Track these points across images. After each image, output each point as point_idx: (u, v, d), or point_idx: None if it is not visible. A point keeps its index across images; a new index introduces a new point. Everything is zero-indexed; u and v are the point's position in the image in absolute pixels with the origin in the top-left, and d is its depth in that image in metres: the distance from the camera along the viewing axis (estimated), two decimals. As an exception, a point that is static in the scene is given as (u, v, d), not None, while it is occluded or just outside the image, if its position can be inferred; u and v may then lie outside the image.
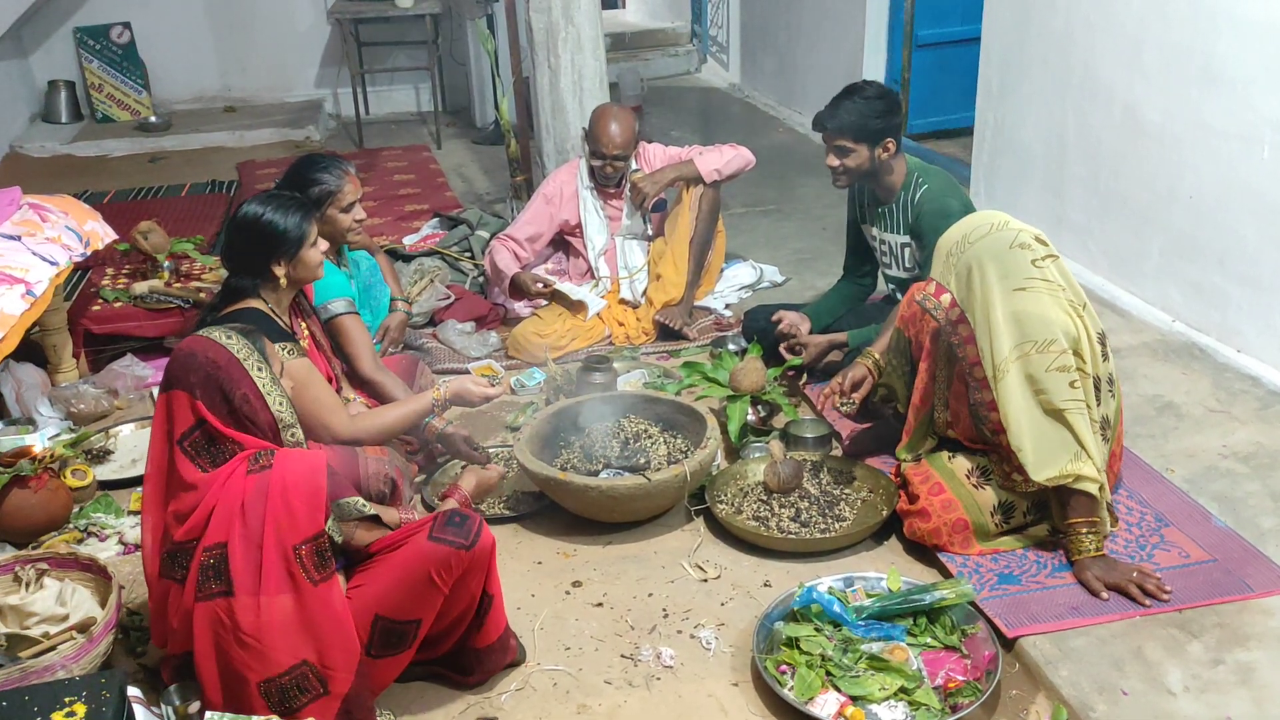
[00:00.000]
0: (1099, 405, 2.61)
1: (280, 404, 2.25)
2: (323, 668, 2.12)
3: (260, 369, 2.23)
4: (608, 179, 4.15)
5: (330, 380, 2.90)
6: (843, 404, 3.00)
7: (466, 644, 2.38)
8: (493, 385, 2.93)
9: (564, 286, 4.11)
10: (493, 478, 2.79)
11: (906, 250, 3.43)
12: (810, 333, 3.57)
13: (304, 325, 2.97)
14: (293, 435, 2.28)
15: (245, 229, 2.77)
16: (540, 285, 4.06)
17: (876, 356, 3.00)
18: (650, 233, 4.27)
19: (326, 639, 2.12)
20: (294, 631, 2.10)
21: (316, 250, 2.81)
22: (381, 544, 2.27)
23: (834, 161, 3.35)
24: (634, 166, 4.17)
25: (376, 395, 3.13)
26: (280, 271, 2.77)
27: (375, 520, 2.30)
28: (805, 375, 3.61)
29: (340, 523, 2.22)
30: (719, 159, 4.14)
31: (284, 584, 2.10)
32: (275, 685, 2.10)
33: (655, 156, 4.24)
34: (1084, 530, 2.57)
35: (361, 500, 2.27)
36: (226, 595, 2.09)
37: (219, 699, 2.13)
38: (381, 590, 2.22)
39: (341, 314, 3.17)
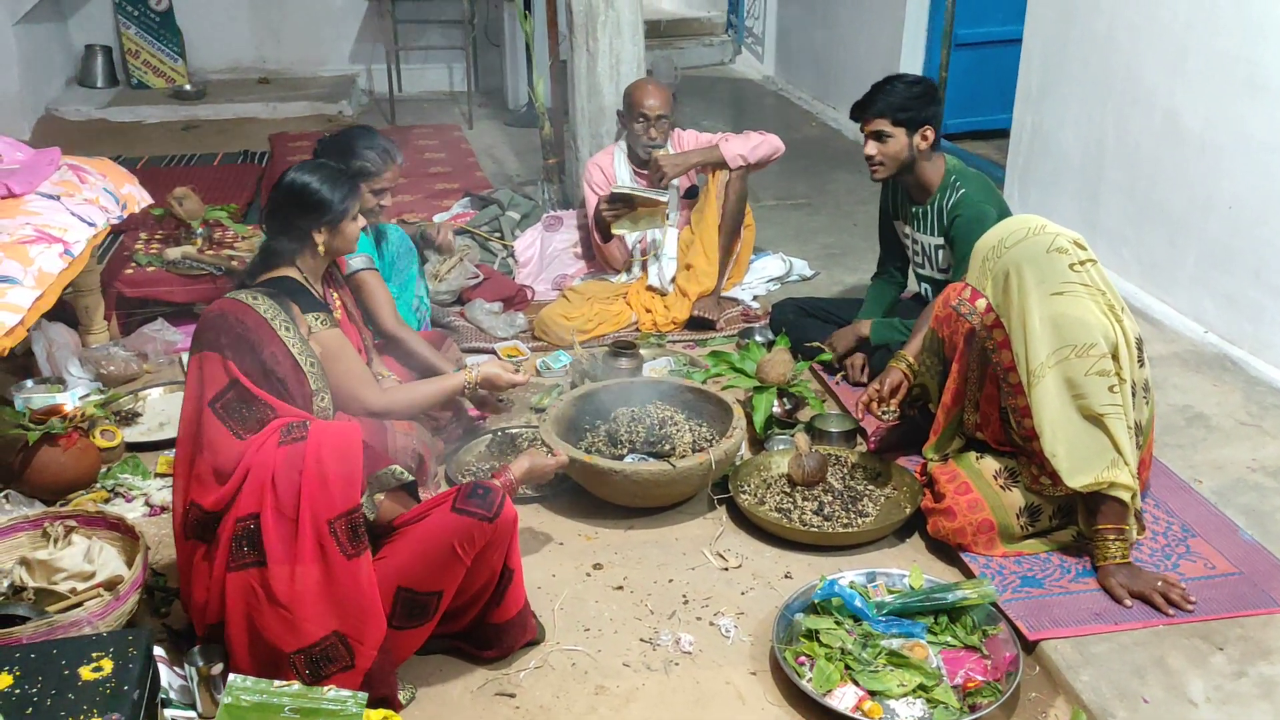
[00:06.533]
0: (1133, 411, 2.59)
1: (311, 365, 2.29)
2: (351, 640, 2.13)
3: (288, 329, 2.30)
4: (652, 144, 4.08)
5: (360, 352, 2.91)
6: (884, 412, 2.99)
7: (486, 619, 2.39)
8: (518, 372, 2.95)
9: (641, 191, 4.05)
10: (549, 465, 2.72)
11: (940, 252, 3.41)
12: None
13: (336, 296, 2.98)
14: (322, 400, 2.30)
15: (294, 194, 2.76)
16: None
17: (910, 359, 2.99)
18: (669, 213, 4.25)
19: (354, 613, 2.13)
20: (324, 602, 2.11)
21: (356, 225, 2.81)
22: (404, 517, 2.28)
23: (871, 149, 3.31)
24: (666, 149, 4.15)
25: (398, 351, 3.16)
26: (320, 239, 2.77)
27: (409, 490, 2.30)
28: (839, 372, 3.61)
29: (375, 495, 2.23)
30: (745, 145, 4.10)
31: (315, 556, 2.11)
32: (307, 655, 2.11)
33: (688, 142, 4.21)
34: (1111, 537, 2.55)
35: (399, 468, 2.27)
36: (259, 565, 2.11)
37: (249, 668, 2.14)
38: (404, 562, 2.22)
39: (361, 270, 3.20)
